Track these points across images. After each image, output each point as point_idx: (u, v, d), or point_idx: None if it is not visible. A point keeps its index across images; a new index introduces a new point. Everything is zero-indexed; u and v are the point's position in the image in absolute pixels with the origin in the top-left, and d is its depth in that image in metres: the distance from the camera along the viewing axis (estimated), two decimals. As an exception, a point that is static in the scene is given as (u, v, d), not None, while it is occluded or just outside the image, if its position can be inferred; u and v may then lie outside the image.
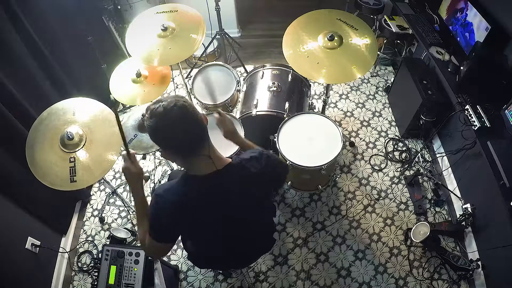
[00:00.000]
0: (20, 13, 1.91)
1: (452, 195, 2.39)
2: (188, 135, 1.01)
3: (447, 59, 2.15)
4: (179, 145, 1.03)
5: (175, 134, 1.00)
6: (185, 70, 3.30)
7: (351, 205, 2.47)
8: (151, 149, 2.05)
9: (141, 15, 2.13)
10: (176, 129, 0.99)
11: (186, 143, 1.03)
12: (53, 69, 2.23)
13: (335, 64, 1.88)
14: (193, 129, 1.02)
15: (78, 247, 2.36)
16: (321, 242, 2.31)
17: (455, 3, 2.21)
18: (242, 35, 3.77)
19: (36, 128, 1.71)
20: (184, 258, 2.27)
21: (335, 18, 2.00)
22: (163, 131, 1.00)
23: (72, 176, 1.63)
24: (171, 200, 1.09)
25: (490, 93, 1.91)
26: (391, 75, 3.25)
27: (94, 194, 2.61)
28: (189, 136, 1.02)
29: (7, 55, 1.88)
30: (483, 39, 1.93)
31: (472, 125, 1.86)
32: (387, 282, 2.15)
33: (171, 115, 0.97)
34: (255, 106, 2.20)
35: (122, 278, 1.60)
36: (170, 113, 0.97)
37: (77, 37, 2.50)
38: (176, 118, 0.98)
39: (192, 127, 1.02)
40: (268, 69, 2.42)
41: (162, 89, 2.17)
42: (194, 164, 1.10)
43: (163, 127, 0.99)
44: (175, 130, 0.99)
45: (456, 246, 2.25)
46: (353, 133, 2.85)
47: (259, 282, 2.18)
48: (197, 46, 1.97)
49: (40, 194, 2.01)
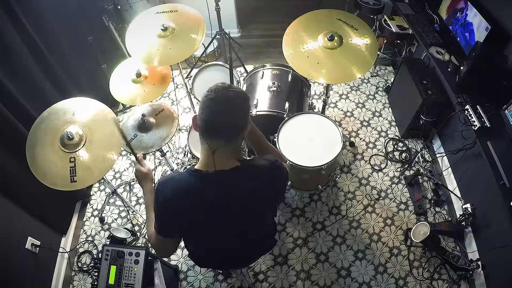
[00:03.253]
0: (20, 13, 1.91)
1: (452, 195, 2.39)
2: (216, 116, 1.00)
3: (447, 59, 2.15)
4: (202, 115, 1.02)
5: (210, 105, 1.00)
6: (185, 70, 3.30)
7: (351, 205, 2.47)
8: (151, 149, 2.05)
9: (141, 15, 2.13)
10: (216, 102, 0.99)
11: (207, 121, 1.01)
12: (53, 69, 2.23)
13: (335, 64, 1.88)
14: (222, 118, 1.01)
15: (78, 247, 2.36)
16: (321, 242, 2.31)
17: (455, 3, 2.21)
18: (242, 35, 3.77)
19: (36, 128, 1.70)
20: (184, 258, 2.27)
21: (335, 18, 2.00)
22: (207, 96, 1.01)
23: (72, 176, 1.62)
24: (167, 194, 1.09)
25: (490, 93, 1.91)
26: (391, 75, 3.25)
27: (94, 194, 2.61)
28: (214, 117, 1.00)
29: (7, 55, 1.88)
30: (483, 39, 1.93)
31: (472, 125, 1.86)
32: (387, 282, 2.15)
33: (227, 91, 1.00)
34: (255, 106, 2.20)
35: (122, 278, 1.60)
36: (229, 89, 1.00)
37: (77, 37, 2.50)
38: (225, 95, 0.99)
39: (223, 116, 1.00)
40: (268, 69, 2.42)
41: (162, 89, 2.17)
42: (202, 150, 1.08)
43: (214, 94, 1.00)
44: (213, 102, 1.00)
45: (456, 246, 2.25)
46: (353, 133, 2.85)
47: (259, 282, 2.18)
48: (197, 46, 1.96)
49: (40, 194, 2.01)
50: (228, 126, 1.02)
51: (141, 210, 2.50)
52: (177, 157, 2.73)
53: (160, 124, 2.12)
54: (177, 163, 2.68)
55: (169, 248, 1.26)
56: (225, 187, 1.10)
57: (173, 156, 2.73)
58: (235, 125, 1.03)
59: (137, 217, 2.46)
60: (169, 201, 1.09)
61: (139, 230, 2.40)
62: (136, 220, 2.45)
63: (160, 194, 1.10)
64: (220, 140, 1.03)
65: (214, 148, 1.03)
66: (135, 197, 2.57)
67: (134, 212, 2.48)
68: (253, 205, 1.17)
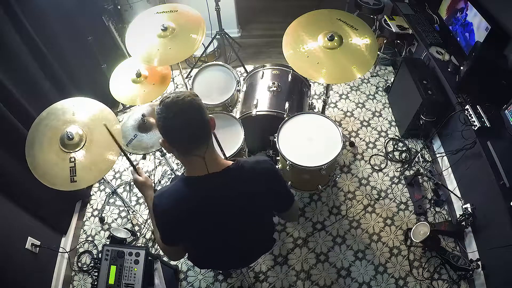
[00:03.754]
0: (20, 13, 1.91)
1: (452, 195, 2.39)
2: (186, 130, 1.00)
3: (447, 59, 2.15)
4: (175, 137, 1.02)
5: (175, 124, 0.99)
6: (185, 70, 3.30)
7: (351, 205, 2.47)
8: (151, 149, 2.05)
9: (141, 15, 2.13)
10: (177, 119, 0.99)
11: (183, 138, 1.02)
12: (53, 69, 2.23)
13: (335, 64, 1.88)
14: (194, 126, 1.01)
15: (78, 247, 2.36)
16: (321, 242, 2.31)
17: (455, 3, 2.21)
18: (242, 35, 3.77)
19: (36, 128, 1.70)
20: (184, 258, 2.27)
21: (335, 18, 2.00)
22: (164, 118, 0.99)
23: (72, 176, 1.63)
24: (163, 206, 1.10)
25: (490, 93, 1.91)
26: (391, 75, 3.25)
27: (94, 194, 2.61)
28: (187, 131, 1.01)
29: (7, 55, 1.88)
30: (483, 39, 1.93)
31: (472, 125, 1.86)
32: (387, 282, 2.15)
33: (177, 105, 0.98)
34: (255, 106, 2.20)
35: (122, 278, 1.60)
36: (176, 103, 0.98)
37: (77, 37, 2.50)
38: (180, 109, 0.98)
39: (193, 124, 1.01)
40: (268, 69, 2.42)
41: (162, 89, 2.17)
42: (188, 163, 1.09)
43: (166, 114, 0.99)
44: (175, 121, 0.99)
45: (456, 246, 2.25)
46: (353, 133, 2.85)
47: (259, 282, 2.18)
48: (197, 46, 1.97)
49: (40, 194, 2.01)
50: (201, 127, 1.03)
51: (141, 210, 2.50)
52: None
53: (160, 124, 2.12)
54: (177, 163, 2.68)
55: (178, 254, 1.32)
56: (220, 187, 1.10)
57: (173, 156, 2.73)
58: (204, 123, 1.04)
59: (137, 217, 2.46)
60: (167, 213, 1.10)
61: (139, 230, 2.40)
62: (136, 220, 2.45)
63: (158, 207, 1.11)
64: (203, 143, 1.05)
65: (202, 153, 1.05)
66: (135, 197, 2.57)
67: (134, 212, 2.48)
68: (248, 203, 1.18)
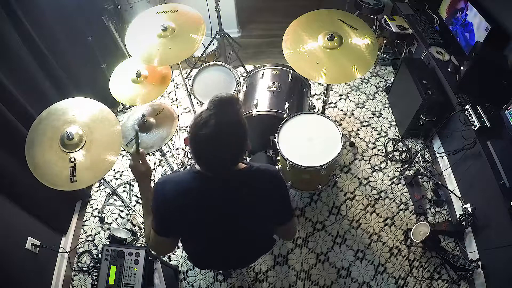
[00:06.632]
0: (20, 13, 1.91)
1: (452, 195, 2.39)
2: (218, 156, 1.00)
3: (447, 59, 2.15)
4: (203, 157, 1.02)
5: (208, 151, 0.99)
6: (185, 70, 3.30)
7: (351, 205, 2.47)
8: (151, 149, 2.05)
9: (141, 15, 2.13)
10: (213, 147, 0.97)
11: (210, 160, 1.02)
12: (53, 69, 2.23)
13: (335, 64, 1.88)
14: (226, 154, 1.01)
15: (78, 247, 2.36)
16: (321, 242, 2.31)
17: (455, 3, 2.21)
18: (242, 35, 3.77)
19: (36, 128, 1.70)
20: (184, 258, 2.27)
21: (335, 18, 2.00)
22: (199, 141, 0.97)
23: (72, 176, 1.62)
24: (166, 194, 1.09)
25: (490, 93, 1.91)
26: (391, 75, 3.25)
27: (94, 194, 2.61)
28: (217, 158, 1.00)
29: (7, 55, 1.88)
30: (483, 39, 1.93)
31: (472, 125, 1.86)
32: (387, 282, 2.15)
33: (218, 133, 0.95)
34: (255, 106, 2.20)
35: (122, 278, 1.60)
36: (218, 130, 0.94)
37: (77, 37, 2.50)
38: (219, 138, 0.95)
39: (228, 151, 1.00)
40: (268, 69, 2.42)
41: (162, 89, 2.17)
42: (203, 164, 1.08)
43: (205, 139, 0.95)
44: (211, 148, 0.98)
45: (456, 246, 2.25)
46: (353, 133, 2.85)
47: (259, 282, 2.18)
48: (197, 46, 1.96)
49: (40, 194, 2.00)
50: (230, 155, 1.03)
51: (141, 210, 2.49)
52: (177, 157, 2.73)
53: (160, 124, 2.13)
54: (177, 163, 2.68)
55: (166, 247, 1.25)
56: (227, 189, 1.10)
57: (173, 156, 2.73)
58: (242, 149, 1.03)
59: (137, 217, 2.46)
60: (168, 202, 1.09)
61: (139, 230, 2.40)
62: (136, 220, 2.45)
63: (159, 194, 1.10)
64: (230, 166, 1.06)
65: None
66: (135, 197, 2.57)
67: (134, 212, 2.48)
68: (253, 208, 1.17)
